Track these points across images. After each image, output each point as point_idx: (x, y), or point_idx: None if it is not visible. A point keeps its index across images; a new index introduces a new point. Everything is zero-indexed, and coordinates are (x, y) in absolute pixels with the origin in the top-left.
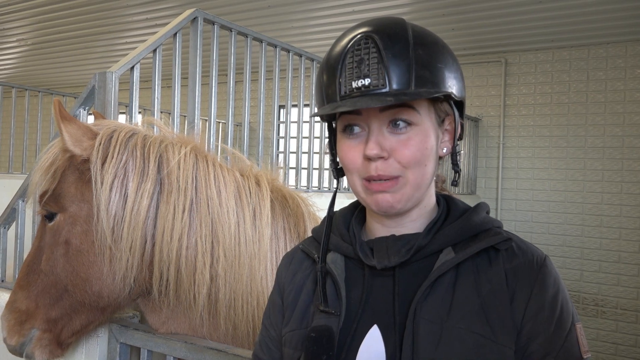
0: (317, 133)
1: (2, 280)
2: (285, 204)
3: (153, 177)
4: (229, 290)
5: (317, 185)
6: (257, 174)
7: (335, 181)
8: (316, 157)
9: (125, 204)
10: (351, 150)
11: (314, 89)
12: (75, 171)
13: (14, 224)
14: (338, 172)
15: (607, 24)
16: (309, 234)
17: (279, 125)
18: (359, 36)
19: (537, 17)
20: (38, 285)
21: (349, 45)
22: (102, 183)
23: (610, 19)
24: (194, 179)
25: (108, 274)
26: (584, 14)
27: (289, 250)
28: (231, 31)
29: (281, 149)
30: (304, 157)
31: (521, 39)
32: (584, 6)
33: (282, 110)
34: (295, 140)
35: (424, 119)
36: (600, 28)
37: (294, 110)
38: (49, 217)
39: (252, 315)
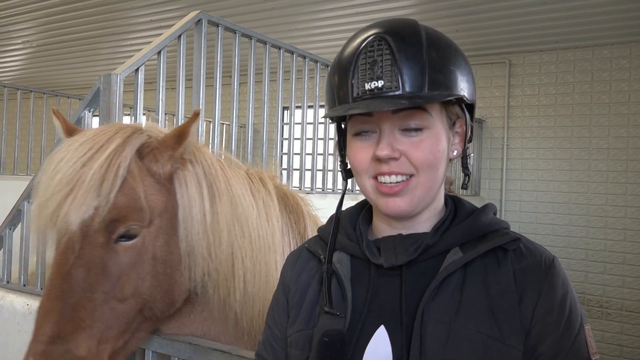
0: (321, 134)
1: (8, 282)
2: (287, 202)
3: (205, 181)
4: (251, 285)
5: (321, 186)
6: (259, 173)
7: (341, 182)
8: (320, 159)
9: (197, 209)
10: (361, 152)
11: (324, 90)
12: (155, 182)
13: (19, 226)
14: (347, 173)
15: (611, 24)
16: (309, 232)
17: (282, 126)
18: (371, 37)
19: (541, 18)
20: (106, 319)
21: (361, 47)
22: (187, 189)
23: (614, 19)
24: (225, 178)
25: (186, 281)
26: (588, 15)
27: (292, 245)
28: (235, 33)
29: (285, 150)
30: (308, 159)
31: (525, 40)
32: (588, 7)
33: (286, 112)
34: (299, 141)
35: (436, 122)
36: (604, 29)
37: (298, 112)
38: (129, 236)
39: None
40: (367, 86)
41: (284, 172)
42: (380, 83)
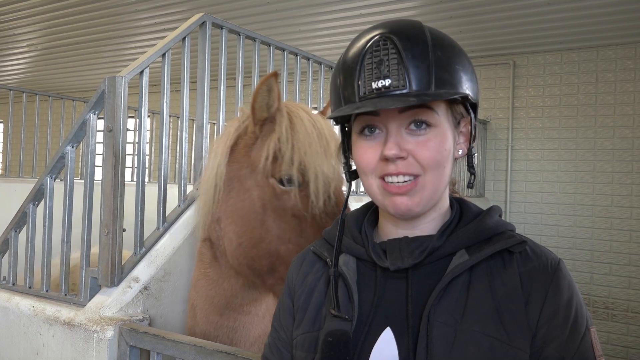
0: None
1: (13, 284)
2: None
3: None
4: None
5: None
6: None
7: (345, 184)
8: None
9: None
10: (367, 152)
11: (329, 91)
12: None
13: (24, 228)
14: (351, 174)
15: (615, 25)
16: None
17: None
18: (377, 37)
19: (545, 19)
20: None
21: (367, 46)
22: None
23: (619, 20)
24: None
25: None
26: (592, 15)
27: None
28: (239, 35)
29: None
30: None
31: (529, 41)
32: (592, 8)
33: None
34: None
35: (442, 121)
36: (609, 29)
37: None
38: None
39: None
40: (374, 85)
41: None
42: (387, 82)
